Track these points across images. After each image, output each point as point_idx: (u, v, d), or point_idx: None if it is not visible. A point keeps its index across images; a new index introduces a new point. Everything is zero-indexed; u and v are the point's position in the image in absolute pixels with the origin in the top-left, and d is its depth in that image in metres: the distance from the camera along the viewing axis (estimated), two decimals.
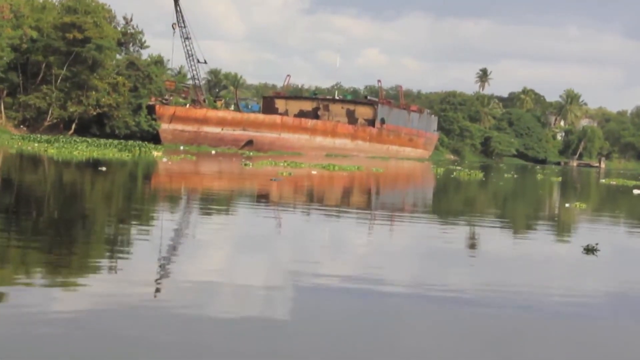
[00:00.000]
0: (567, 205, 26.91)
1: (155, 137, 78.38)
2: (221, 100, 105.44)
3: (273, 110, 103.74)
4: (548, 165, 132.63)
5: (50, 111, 74.15)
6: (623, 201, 35.09)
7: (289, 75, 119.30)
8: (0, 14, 67.63)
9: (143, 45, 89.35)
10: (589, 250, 13.82)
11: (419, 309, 8.80)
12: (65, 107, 74.64)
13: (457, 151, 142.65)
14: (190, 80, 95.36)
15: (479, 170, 63.53)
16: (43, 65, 73.96)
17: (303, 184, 32.85)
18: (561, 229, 20.01)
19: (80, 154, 45.13)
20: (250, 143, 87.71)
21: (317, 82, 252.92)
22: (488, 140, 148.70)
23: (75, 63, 74.49)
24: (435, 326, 8.07)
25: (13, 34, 69.45)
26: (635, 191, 39.48)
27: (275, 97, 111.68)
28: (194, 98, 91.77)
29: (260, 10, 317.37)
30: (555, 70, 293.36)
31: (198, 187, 27.98)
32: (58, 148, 48.72)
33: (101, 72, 76.47)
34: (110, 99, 75.46)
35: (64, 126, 76.08)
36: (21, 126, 74.13)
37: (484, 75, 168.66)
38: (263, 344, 6.92)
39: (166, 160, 46.65)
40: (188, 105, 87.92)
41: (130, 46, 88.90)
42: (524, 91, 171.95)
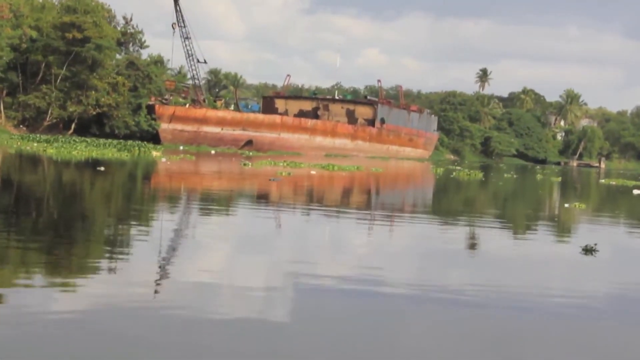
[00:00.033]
0: (567, 205, 26.90)
1: (154, 137, 78.37)
2: (221, 100, 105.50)
3: (273, 110, 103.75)
4: (548, 166, 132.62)
5: (49, 111, 74.12)
6: (623, 201, 35.09)
7: (288, 75, 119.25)
8: None
9: (143, 45, 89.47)
10: (587, 251, 13.82)
11: (419, 309, 8.80)
12: (64, 107, 74.64)
13: (457, 151, 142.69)
14: (190, 80, 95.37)
15: (478, 170, 63.50)
16: (42, 65, 73.94)
17: (302, 184, 32.83)
18: (561, 230, 20.01)
19: (79, 153, 45.14)
20: (249, 143, 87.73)
21: (317, 82, 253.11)
22: (488, 140, 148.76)
23: (75, 63, 74.48)
24: (435, 326, 8.07)
25: (13, 33, 69.45)
26: (635, 191, 39.47)
27: (275, 97, 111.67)
28: (194, 98, 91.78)
29: (260, 10, 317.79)
30: (555, 70, 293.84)
31: (197, 187, 27.96)
32: (57, 148, 48.75)
33: (101, 72, 76.46)
34: (109, 98, 75.47)
35: (64, 126, 76.07)
36: (20, 126, 74.10)
37: (484, 75, 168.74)
38: (263, 344, 6.92)
39: (165, 160, 46.65)
40: (188, 105, 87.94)
41: (130, 46, 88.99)
42: (524, 91, 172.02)
